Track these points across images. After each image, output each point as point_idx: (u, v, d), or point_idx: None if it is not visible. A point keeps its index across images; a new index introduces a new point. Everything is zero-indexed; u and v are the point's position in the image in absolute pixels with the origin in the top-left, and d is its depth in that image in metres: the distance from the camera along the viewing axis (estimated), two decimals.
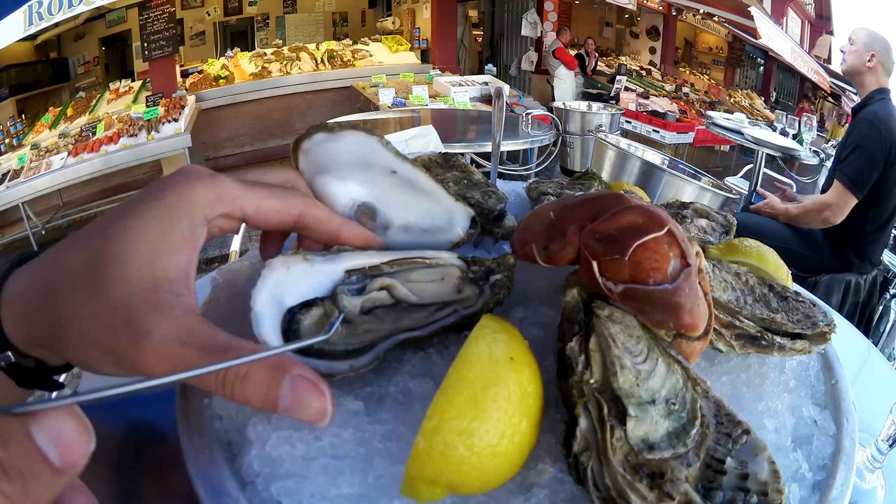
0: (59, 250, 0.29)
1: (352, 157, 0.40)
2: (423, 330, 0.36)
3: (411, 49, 6.31)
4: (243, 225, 0.36)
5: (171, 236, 0.29)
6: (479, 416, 0.27)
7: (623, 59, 7.44)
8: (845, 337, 0.62)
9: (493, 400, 0.28)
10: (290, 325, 0.34)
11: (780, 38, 5.86)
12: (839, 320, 0.56)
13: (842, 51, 1.97)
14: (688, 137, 5.55)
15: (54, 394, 0.33)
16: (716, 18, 6.82)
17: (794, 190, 2.16)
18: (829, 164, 2.49)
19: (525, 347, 0.32)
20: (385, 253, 0.40)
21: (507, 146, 2.83)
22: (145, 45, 4.95)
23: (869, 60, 1.86)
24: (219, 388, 0.27)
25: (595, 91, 6.57)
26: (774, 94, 6.90)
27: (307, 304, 0.36)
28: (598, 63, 7.08)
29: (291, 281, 0.35)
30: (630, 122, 5.61)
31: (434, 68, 5.99)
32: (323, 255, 0.38)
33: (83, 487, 0.22)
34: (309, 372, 0.28)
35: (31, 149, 4.35)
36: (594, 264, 0.34)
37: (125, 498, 0.42)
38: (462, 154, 2.07)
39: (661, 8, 7.26)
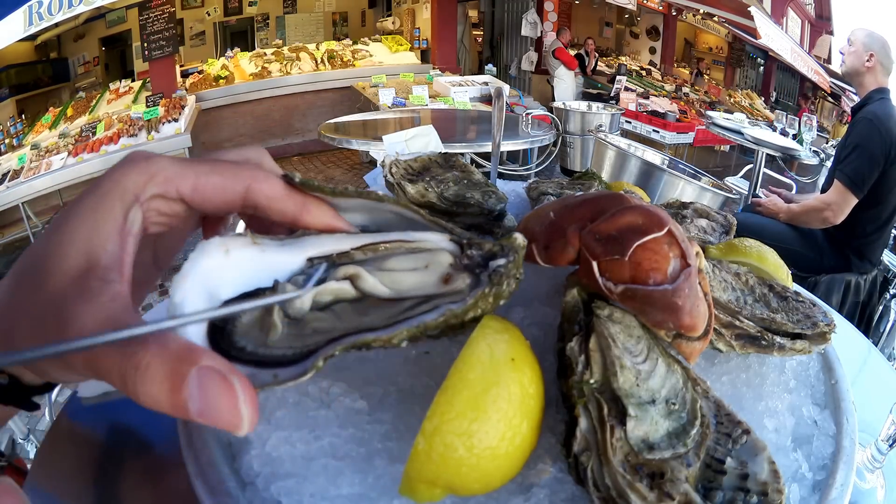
0: (18, 259, 0.29)
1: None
2: (386, 330, 0.28)
3: (411, 49, 6.31)
4: (241, 221, 0.35)
5: (105, 224, 0.27)
6: (479, 418, 0.27)
7: (623, 59, 7.44)
8: (845, 337, 0.62)
9: (493, 401, 0.28)
10: (225, 322, 0.29)
11: (780, 38, 5.86)
12: (839, 320, 0.56)
13: (841, 52, 1.97)
14: (688, 137, 5.54)
15: None
16: (716, 18, 6.82)
17: (794, 191, 2.16)
18: (829, 164, 2.49)
19: (527, 348, 0.32)
20: (359, 237, 0.33)
21: (507, 146, 2.83)
22: (145, 45, 4.95)
23: (868, 60, 1.86)
24: (121, 383, 0.23)
25: (595, 91, 6.57)
26: (774, 94, 6.90)
27: (248, 297, 0.29)
28: (598, 63, 7.08)
29: (231, 268, 0.29)
30: (630, 122, 5.61)
31: (434, 68, 5.99)
32: (279, 239, 0.31)
33: (12, 489, 0.20)
34: (221, 363, 0.23)
35: (31, 149, 4.35)
36: (594, 264, 0.34)
37: (126, 498, 0.42)
38: (462, 154, 2.06)
39: (661, 8, 7.26)
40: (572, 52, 6.54)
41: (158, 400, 0.23)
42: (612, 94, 6.20)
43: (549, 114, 3.37)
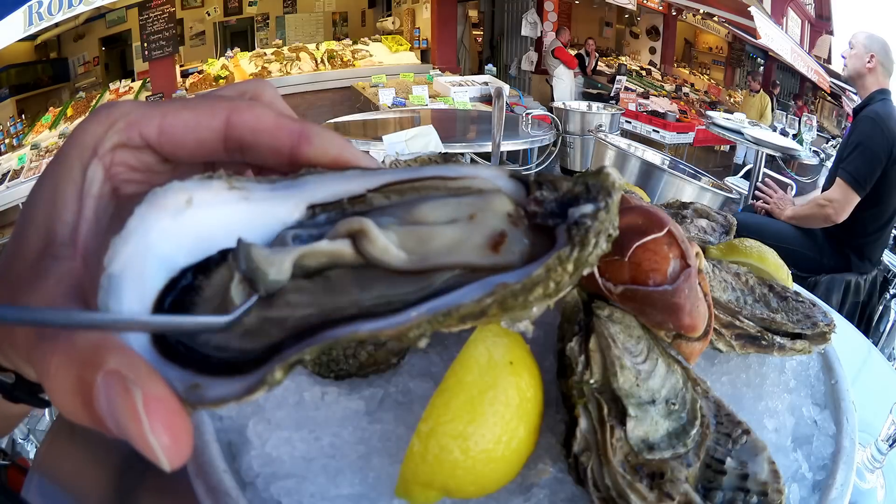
0: None
1: None
2: (391, 318, 0.18)
3: (411, 49, 6.32)
4: None
5: (64, 191, 0.23)
6: (475, 421, 0.27)
7: (623, 59, 7.44)
8: (845, 337, 0.62)
9: (490, 404, 0.28)
10: (184, 296, 0.20)
11: (780, 38, 5.86)
12: (839, 320, 0.56)
13: (843, 56, 1.98)
14: (688, 137, 5.54)
15: None
16: (716, 18, 6.82)
17: (794, 191, 2.17)
18: (829, 164, 2.49)
19: (526, 352, 0.32)
20: (380, 173, 0.23)
21: (507, 146, 2.83)
22: (145, 45, 4.95)
23: (869, 62, 1.87)
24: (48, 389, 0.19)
25: (595, 91, 6.57)
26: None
27: (213, 263, 0.21)
28: (598, 63, 7.08)
29: (195, 226, 0.21)
30: (630, 122, 5.60)
31: (434, 68, 5.99)
32: (270, 182, 0.23)
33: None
34: (134, 363, 0.17)
35: (31, 149, 4.35)
36: None
37: (125, 498, 0.42)
38: (462, 154, 2.07)
39: (661, 8, 7.26)
40: (572, 52, 6.54)
41: (78, 417, 0.18)
42: (612, 94, 6.19)
43: (549, 114, 3.37)
